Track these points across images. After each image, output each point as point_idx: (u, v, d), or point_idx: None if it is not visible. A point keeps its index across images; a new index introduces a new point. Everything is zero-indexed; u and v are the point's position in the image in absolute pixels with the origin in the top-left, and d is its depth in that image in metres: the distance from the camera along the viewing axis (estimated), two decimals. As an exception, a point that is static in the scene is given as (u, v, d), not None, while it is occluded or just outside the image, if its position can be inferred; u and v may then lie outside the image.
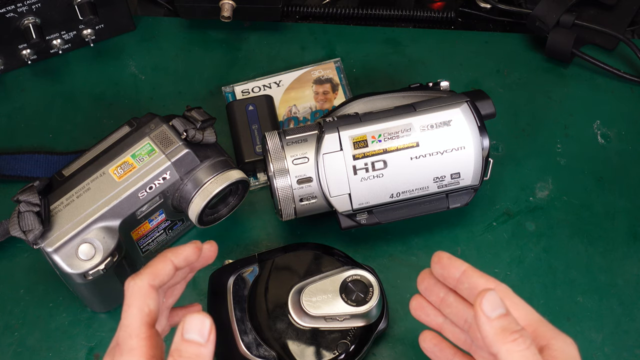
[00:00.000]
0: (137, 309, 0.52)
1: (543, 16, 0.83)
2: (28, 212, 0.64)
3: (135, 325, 0.52)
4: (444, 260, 0.54)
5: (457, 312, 0.54)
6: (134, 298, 0.53)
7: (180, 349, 0.50)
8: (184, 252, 0.55)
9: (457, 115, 0.69)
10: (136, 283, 0.53)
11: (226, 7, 0.83)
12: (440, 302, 0.55)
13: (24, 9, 0.78)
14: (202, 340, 0.50)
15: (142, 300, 0.53)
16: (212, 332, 0.50)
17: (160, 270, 0.54)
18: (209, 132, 0.70)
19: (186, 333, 0.50)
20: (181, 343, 0.50)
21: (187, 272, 0.58)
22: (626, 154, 0.80)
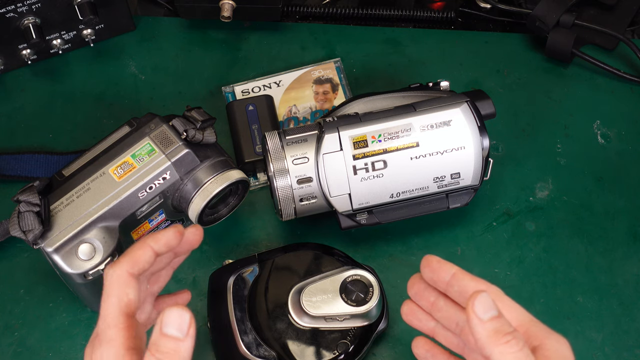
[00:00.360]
0: (116, 298, 0.51)
1: (543, 16, 0.83)
2: (28, 212, 0.64)
3: (114, 315, 0.51)
4: (433, 264, 0.53)
5: (448, 315, 0.54)
6: (112, 287, 0.51)
7: (158, 344, 0.48)
8: (164, 238, 0.53)
9: (457, 115, 0.69)
10: (115, 271, 0.51)
11: (226, 7, 0.83)
12: (431, 306, 0.55)
13: (24, 9, 0.78)
14: (180, 335, 0.48)
15: (121, 290, 0.51)
16: (192, 326, 0.48)
17: (140, 257, 0.52)
18: (209, 132, 0.70)
19: (164, 327, 0.48)
20: (159, 337, 0.48)
21: (171, 258, 0.56)
22: (626, 154, 0.80)
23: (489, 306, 0.48)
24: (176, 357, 0.49)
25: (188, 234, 0.55)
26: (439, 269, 0.53)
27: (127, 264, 0.52)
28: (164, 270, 0.57)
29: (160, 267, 0.56)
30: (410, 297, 0.56)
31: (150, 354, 0.48)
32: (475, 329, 0.48)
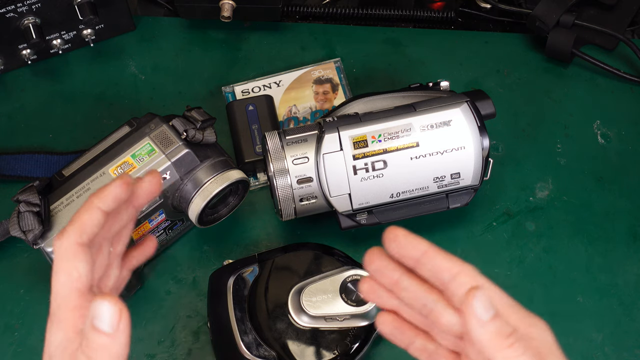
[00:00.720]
0: (65, 274, 0.47)
1: (543, 16, 0.83)
2: (28, 212, 0.64)
3: (64, 293, 0.47)
4: (400, 239, 0.48)
5: (415, 296, 0.49)
6: (60, 262, 0.47)
7: (88, 338, 0.44)
8: (111, 193, 0.48)
9: (457, 115, 0.69)
10: (62, 244, 0.47)
11: (226, 7, 0.83)
12: (394, 284, 0.49)
13: (24, 9, 0.78)
14: (109, 330, 0.43)
15: (70, 264, 0.47)
16: (123, 320, 0.43)
17: (87, 221, 0.47)
18: (209, 132, 0.70)
19: (94, 319, 0.43)
20: (89, 330, 0.43)
21: (131, 212, 0.51)
22: (626, 154, 0.80)
23: (488, 305, 0.45)
24: (106, 354, 0.44)
25: (144, 183, 0.50)
26: (407, 245, 0.48)
27: (75, 234, 0.47)
28: (125, 227, 0.52)
29: (121, 225, 0.51)
30: (370, 273, 0.50)
31: (80, 349, 0.44)
32: (475, 331, 0.45)
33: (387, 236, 0.49)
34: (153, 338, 0.71)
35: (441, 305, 0.48)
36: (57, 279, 0.47)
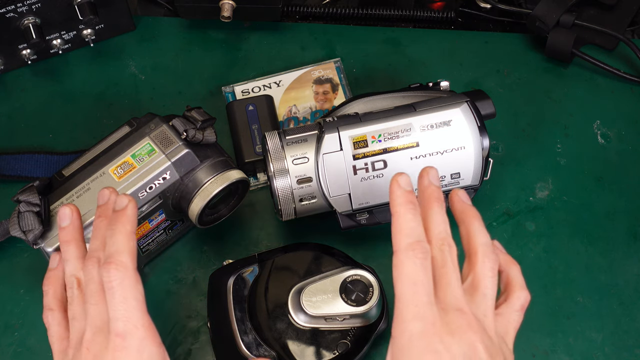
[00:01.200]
0: (134, 300, 0.53)
1: (543, 16, 0.83)
2: (28, 212, 0.64)
3: (139, 315, 0.52)
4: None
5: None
6: (128, 290, 0.53)
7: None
8: (134, 215, 0.56)
9: (457, 115, 0.69)
10: (126, 274, 0.53)
11: (226, 7, 0.83)
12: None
13: (24, 9, 0.78)
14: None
15: (136, 289, 0.53)
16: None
17: (134, 248, 0.54)
18: (209, 132, 0.70)
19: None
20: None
21: None
22: (626, 154, 0.80)
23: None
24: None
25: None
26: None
27: (132, 262, 0.54)
28: None
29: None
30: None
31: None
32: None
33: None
34: (153, 338, 0.71)
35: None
36: (129, 304, 0.52)
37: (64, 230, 0.61)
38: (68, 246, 0.60)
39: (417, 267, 0.52)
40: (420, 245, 0.53)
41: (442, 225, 0.55)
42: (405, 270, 0.52)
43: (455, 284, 0.54)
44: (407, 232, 0.53)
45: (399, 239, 0.53)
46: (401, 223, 0.54)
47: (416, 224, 0.54)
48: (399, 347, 0.52)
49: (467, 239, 0.57)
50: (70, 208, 0.61)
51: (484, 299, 0.55)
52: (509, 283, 0.59)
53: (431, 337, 0.51)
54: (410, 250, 0.53)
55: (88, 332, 0.55)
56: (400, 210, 0.54)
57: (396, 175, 0.55)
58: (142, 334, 0.52)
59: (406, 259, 0.52)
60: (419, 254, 0.52)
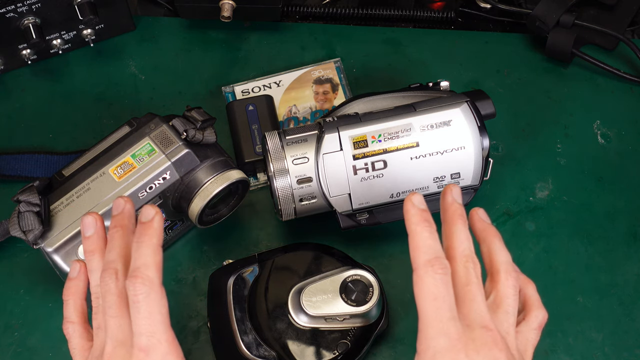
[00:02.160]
0: (159, 314, 0.52)
1: (543, 16, 0.83)
2: (28, 212, 0.64)
3: (162, 329, 0.52)
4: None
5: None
6: (153, 304, 0.52)
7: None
8: (160, 229, 0.55)
9: (457, 115, 0.69)
10: (152, 289, 0.52)
11: (226, 7, 0.83)
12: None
13: (24, 9, 0.78)
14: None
15: (161, 303, 0.53)
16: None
17: (161, 263, 0.54)
18: (209, 132, 0.70)
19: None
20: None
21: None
22: (626, 154, 0.80)
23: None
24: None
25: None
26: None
27: (158, 276, 0.53)
28: None
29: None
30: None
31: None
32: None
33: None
34: (153, 338, 0.71)
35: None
36: (153, 319, 0.52)
37: (88, 240, 0.59)
38: (92, 256, 0.59)
39: (437, 282, 0.52)
40: (439, 261, 0.53)
41: (466, 243, 0.55)
42: (426, 286, 0.52)
43: (480, 300, 0.54)
44: (424, 250, 0.53)
45: (417, 256, 0.53)
46: (418, 241, 0.54)
47: (433, 241, 0.54)
48: None
49: (489, 257, 0.58)
50: (94, 217, 0.60)
51: (506, 316, 0.55)
52: (527, 301, 0.59)
53: (456, 353, 0.51)
54: (429, 266, 0.52)
55: (109, 345, 0.54)
56: (417, 229, 0.54)
57: (410, 194, 0.56)
58: (165, 349, 0.52)
59: (425, 275, 0.52)
60: (438, 269, 0.52)
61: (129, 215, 0.58)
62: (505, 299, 0.56)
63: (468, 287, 0.54)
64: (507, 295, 0.56)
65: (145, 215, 0.55)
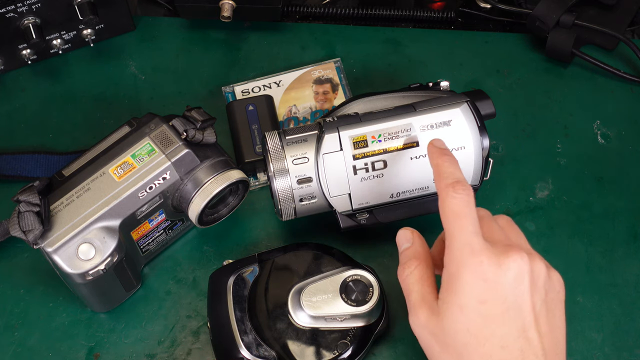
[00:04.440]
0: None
1: (543, 16, 0.83)
2: (28, 212, 0.64)
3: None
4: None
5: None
6: None
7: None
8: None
9: (457, 115, 0.69)
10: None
11: (226, 7, 0.83)
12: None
13: (24, 9, 0.78)
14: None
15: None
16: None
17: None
18: (209, 132, 0.70)
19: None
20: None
21: None
22: (626, 154, 0.80)
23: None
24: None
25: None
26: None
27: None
28: None
29: None
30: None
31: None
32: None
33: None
34: (153, 338, 0.71)
35: None
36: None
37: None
38: None
39: (457, 200, 0.56)
40: (459, 184, 0.57)
41: (451, 168, 0.61)
42: (448, 206, 0.57)
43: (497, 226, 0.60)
44: (445, 176, 0.58)
45: (439, 183, 0.58)
46: (440, 171, 0.59)
47: (454, 168, 0.59)
48: (448, 274, 0.56)
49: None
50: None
51: (519, 236, 0.61)
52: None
53: (479, 262, 0.55)
54: (450, 188, 0.57)
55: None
56: (438, 161, 0.60)
57: (432, 140, 0.63)
58: None
59: (447, 196, 0.57)
60: (459, 190, 0.57)
61: None
62: (509, 226, 0.61)
63: (481, 218, 0.58)
64: (508, 223, 0.62)
65: None
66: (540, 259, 0.58)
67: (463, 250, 0.55)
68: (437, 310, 0.57)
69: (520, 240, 0.61)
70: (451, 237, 0.57)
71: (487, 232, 0.58)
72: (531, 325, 0.55)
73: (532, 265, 0.56)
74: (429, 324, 0.57)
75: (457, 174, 0.59)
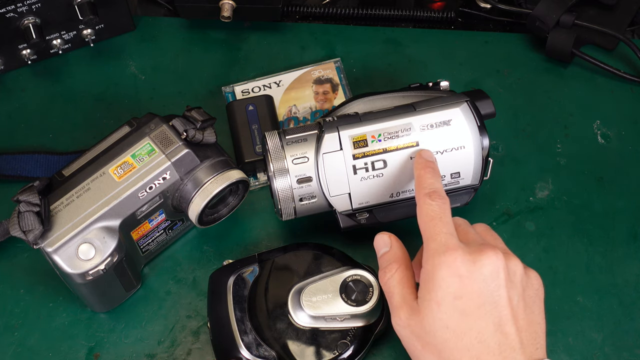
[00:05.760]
0: None
1: (543, 16, 0.83)
2: (28, 212, 0.64)
3: None
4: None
5: None
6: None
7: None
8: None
9: (457, 115, 0.69)
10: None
11: (226, 7, 0.83)
12: None
13: (24, 9, 0.78)
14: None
15: None
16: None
17: None
18: (209, 132, 0.70)
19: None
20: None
21: None
22: (626, 154, 0.80)
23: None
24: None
25: None
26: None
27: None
28: None
29: None
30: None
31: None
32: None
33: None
34: (153, 338, 0.71)
35: None
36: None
37: None
38: None
39: (432, 206, 0.60)
40: (436, 193, 0.61)
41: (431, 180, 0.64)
42: (423, 211, 0.60)
43: (472, 230, 0.62)
44: (425, 186, 0.62)
45: (418, 193, 0.62)
46: (420, 181, 0.63)
47: (434, 180, 0.62)
48: (425, 273, 0.58)
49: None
50: None
51: (496, 240, 0.63)
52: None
53: (454, 259, 0.57)
54: (427, 197, 0.61)
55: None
56: (421, 173, 0.63)
57: (420, 150, 0.66)
58: None
59: (423, 204, 0.61)
60: (436, 198, 0.60)
61: None
62: (487, 231, 0.64)
63: (459, 225, 0.62)
64: (486, 230, 0.64)
65: None
66: (516, 258, 0.59)
67: (438, 249, 0.58)
68: (417, 309, 0.58)
69: (496, 242, 0.63)
70: (427, 239, 0.59)
71: (463, 236, 0.61)
72: (508, 320, 0.57)
73: (508, 262, 0.58)
74: (410, 323, 0.59)
75: (436, 185, 0.62)
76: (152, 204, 0.68)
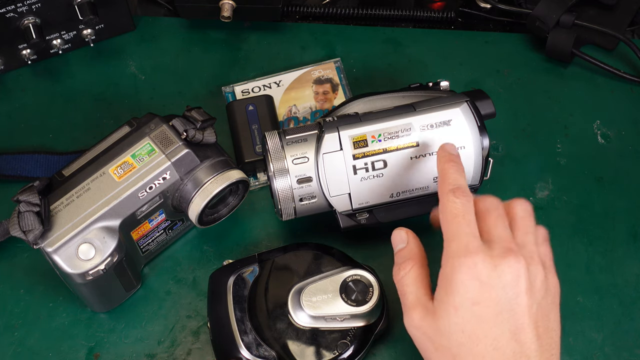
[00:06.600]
0: None
1: (543, 16, 0.83)
2: (28, 212, 0.64)
3: None
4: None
5: None
6: None
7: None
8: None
9: (457, 115, 0.69)
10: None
11: (226, 7, 0.83)
12: None
13: (24, 9, 0.78)
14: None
15: None
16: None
17: None
18: (209, 132, 0.70)
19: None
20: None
21: None
22: (626, 154, 0.80)
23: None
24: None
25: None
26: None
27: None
28: None
29: None
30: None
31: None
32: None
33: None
34: (153, 338, 0.71)
35: None
36: None
37: None
38: None
39: (456, 204, 0.58)
40: (460, 190, 0.59)
41: (455, 175, 0.62)
42: (446, 209, 0.58)
43: (501, 224, 0.60)
44: (448, 182, 0.60)
45: (441, 188, 0.60)
46: (444, 176, 0.61)
47: (458, 175, 0.60)
48: (444, 274, 0.57)
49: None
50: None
51: (527, 237, 0.60)
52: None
53: (474, 264, 0.56)
54: (451, 194, 0.59)
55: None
56: (444, 167, 0.61)
57: (443, 143, 0.64)
58: None
59: (447, 201, 0.59)
60: (459, 195, 0.58)
61: None
62: (521, 220, 0.61)
63: (488, 212, 0.60)
64: (522, 217, 0.61)
65: None
66: (539, 262, 0.58)
67: (459, 251, 0.56)
68: (432, 310, 0.57)
69: (525, 239, 0.60)
70: (448, 239, 0.57)
71: (490, 230, 0.59)
72: (524, 328, 0.56)
73: (529, 269, 0.57)
74: (423, 324, 0.58)
75: (460, 181, 0.60)
76: (152, 204, 0.68)
